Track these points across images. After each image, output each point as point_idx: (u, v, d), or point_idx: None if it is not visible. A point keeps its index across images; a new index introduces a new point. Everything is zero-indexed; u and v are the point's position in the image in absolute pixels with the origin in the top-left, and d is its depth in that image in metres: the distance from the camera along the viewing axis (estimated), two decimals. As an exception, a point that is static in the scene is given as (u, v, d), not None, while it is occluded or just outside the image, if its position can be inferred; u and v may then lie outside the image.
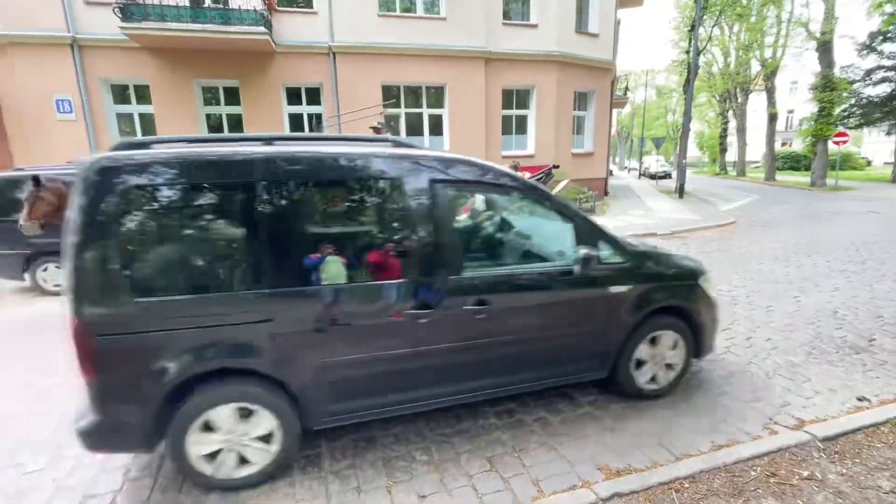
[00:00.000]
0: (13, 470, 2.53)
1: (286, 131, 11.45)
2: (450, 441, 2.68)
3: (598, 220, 3.39)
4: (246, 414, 2.27)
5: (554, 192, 7.44)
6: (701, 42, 17.97)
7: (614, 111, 20.90)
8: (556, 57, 12.96)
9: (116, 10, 9.13)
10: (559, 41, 12.96)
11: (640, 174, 31.42)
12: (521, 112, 13.55)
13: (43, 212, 4.80)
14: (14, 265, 6.12)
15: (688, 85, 16.51)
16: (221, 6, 10.05)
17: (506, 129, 13.37)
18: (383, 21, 11.53)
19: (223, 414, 2.23)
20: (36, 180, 4.71)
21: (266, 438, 2.33)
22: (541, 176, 6.02)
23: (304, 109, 11.72)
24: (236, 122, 11.38)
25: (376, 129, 5.84)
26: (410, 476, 2.40)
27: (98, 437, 2.13)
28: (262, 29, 9.87)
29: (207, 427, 2.23)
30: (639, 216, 12.32)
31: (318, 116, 11.63)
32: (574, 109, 14.15)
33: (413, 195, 2.40)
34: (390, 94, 12.10)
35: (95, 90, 10.25)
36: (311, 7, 11.22)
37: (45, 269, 6.14)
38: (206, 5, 10.20)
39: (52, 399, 3.26)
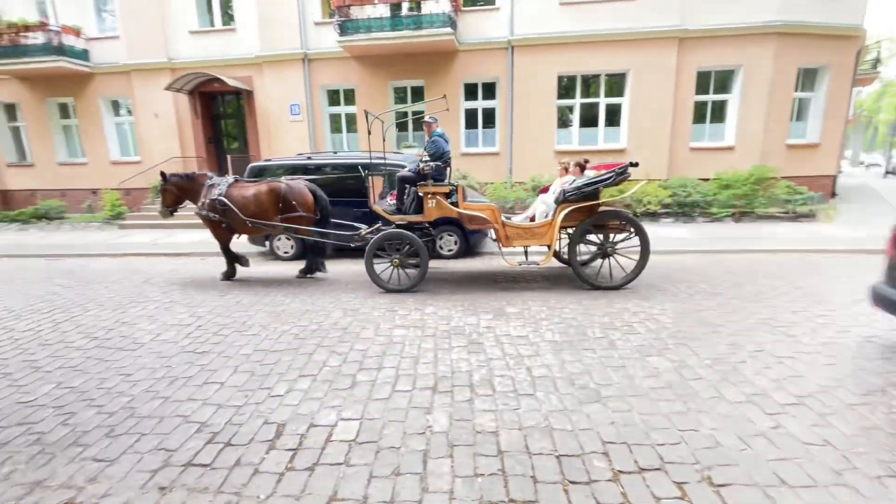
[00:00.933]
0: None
1: (461, 127, 12.16)
2: (634, 453, 2.45)
3: (824, 228, 2.68)
4: None
5: (629, 192, 6.16)
6: None
7: (853, 90, 16.28)
8: (777, 27, 10.69)
9: (336, 27, 10.93)
10: (782, 7, 10.64)
11: (887, 171, 24.05)
12: (720, 97, 11.64)
13: (171, 201, 6.40)
14: (260, 235, 7.90)
15: None
16: (415, 13, 11.12)
17: (698, 118, 11.70)
18: (565, 9, 11.19)
19: None
20: (163, 176, 6.27)
21: None
22: (610, 175, 4.95)
23: (480, 104, 12.22)
24: (418, 119, 12.51)
25: (428, 124, 5.81)
26: (588, 478, 2.29)
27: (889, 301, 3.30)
28: (448, 30, 10.59)
29: None
30: (885, 226, 9.40)
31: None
32: (795, 90, 11.49)
33: None
34: (561, 85, 11.73)
35: (317, 95, 12.49)
36: (493, 3, 11.56)
37: (279, 240, 7.76)
38: (402, 14, 11.42)
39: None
